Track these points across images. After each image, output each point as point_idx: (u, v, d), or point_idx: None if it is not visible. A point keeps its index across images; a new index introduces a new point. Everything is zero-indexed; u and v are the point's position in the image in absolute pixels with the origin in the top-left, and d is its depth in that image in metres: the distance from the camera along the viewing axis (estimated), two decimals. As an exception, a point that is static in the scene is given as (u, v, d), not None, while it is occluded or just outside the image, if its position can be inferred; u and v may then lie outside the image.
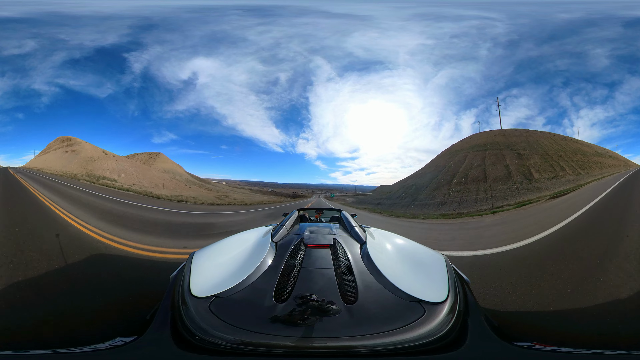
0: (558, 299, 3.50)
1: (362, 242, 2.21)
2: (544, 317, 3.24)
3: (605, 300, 3.37)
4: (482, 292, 3.72)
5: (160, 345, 1.41)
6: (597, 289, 3.60)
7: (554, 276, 4.08)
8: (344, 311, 1.42)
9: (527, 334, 2.75)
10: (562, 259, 4.84)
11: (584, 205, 9.61)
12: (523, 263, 5.02)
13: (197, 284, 1.63)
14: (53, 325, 2.90)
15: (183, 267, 1.89)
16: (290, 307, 1.42)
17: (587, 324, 3.08)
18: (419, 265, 1.95)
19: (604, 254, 4.73)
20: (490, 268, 4.89)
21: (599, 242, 5.58)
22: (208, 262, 1.99)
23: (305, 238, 2.29)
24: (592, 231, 6.86)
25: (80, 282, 4.08)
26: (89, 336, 2.27)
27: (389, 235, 2.63)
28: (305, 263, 1.86)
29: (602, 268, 4.19)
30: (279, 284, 1.61)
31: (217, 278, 1.69)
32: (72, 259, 4.80)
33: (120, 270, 4.92)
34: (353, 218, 3.13)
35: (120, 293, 3.70)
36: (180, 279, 1.73)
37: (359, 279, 1.66)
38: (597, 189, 13.65)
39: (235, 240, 2.41)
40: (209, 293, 1.54)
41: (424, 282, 1.68)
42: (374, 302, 1.49)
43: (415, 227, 12.58)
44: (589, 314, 3.20)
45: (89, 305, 3.33)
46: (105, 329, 2.43)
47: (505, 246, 5.91)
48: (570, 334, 2.83)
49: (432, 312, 1.41)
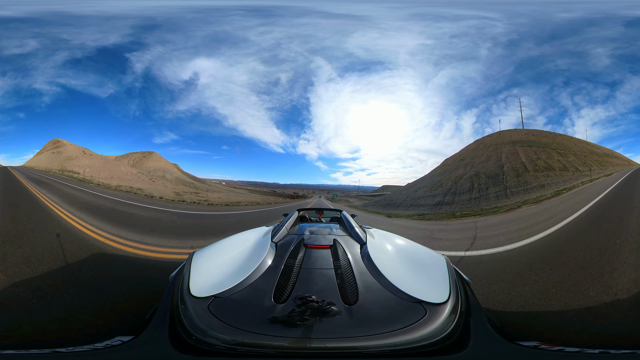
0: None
1: (362, 243, 2.19)
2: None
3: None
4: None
5: (158, 345, 1.39)
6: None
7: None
8: (344, 312, 1.39)
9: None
10: (618, 203, 10.04)
11: (614, 183, 15.75)
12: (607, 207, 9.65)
13: (196, 284, 1.62)
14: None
15: (183, 267, 1.87)
16: (290, 307, 1.41)
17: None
18: (420, 266, 1.94)
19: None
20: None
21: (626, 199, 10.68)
22: (208, 262, 1.98)
23: (306, 238, 2.27)
24: (620, 195, 11.99)
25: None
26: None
27: (390, 236, 2.62)
28: (305, 263, 1.84)
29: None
30: (278, 284, 1.60)
31: (217, 278, 1.68)
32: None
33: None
34: (353, 218, 3.12)
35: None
36: (180, 279, 1.72)
37: (360, 280, 1.64)
38: (617, 177, 18.72)
39: (235, 240, 2.41)
40: (208, 293, 1.53)
41: (425, 282, 1.67)
42: (375, 303, 1.48)
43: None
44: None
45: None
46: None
47: (597, 198, 11.09)
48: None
49: (433, 313, 1.39)
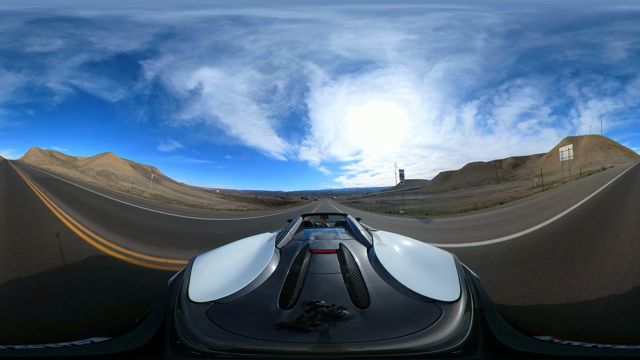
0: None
1: (369, 246, 2.17)
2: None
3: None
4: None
5: (133, 344, 1.42)
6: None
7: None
8: (357, 316, 1.36)
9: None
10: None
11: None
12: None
13: (196, 289, 1.61)
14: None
15: (183, 272, 1.85)
16: (297, 313, 1.38)
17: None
18: (429, 266, 1.92)
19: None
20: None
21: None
22: (209, 267, 1.96)
23: (311, 244, 2.24)
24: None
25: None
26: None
27: (396, 237, 2.60)
28: (311, 269, 1.81)
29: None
30: (284, 290, 1.57)
31: (218, 284, 1.66)
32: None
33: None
34: (358, 222, 3.08)
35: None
36: (179, 284, 1.70)
37: (369, 283, 1.61)
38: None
39: (238, 246, 2.38)
40: (207, 299, 1.51)
41: (436, 281, 1.65)
42: (388, 305, 1.45)
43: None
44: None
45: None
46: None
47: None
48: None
49: (449, 311, 1.38)
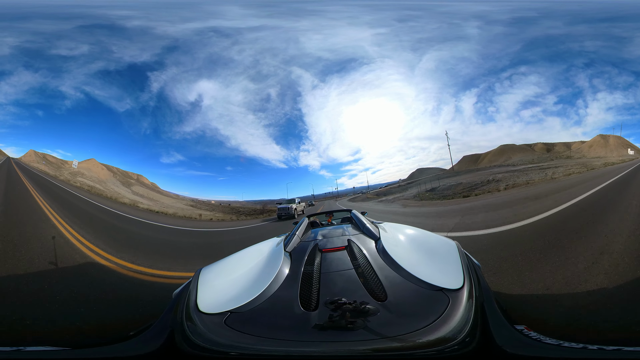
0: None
1: (376, 239, 2.16)
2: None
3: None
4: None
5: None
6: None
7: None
8: (381, 309, 1.35)
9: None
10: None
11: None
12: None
13: (205, 301, 1.57)
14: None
15: (188, 284, 1.80)
16: (326, 313, 1.35)
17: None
18: (433, 253, 1.92)
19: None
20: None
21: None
22: (218, 278, 1.93)
23: (319, 243, 2.23)
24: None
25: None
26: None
27: (400, 227, 2.60)
28: (324, 268, 1.81)
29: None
30: (301, 292, 1.56)
31: (230, 294, 1.64)
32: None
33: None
34: (364, 215, 3.06)
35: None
36: (185, 296, 1.65)
37: (381, 275, 1.61)
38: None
39: (246, 254, 2.35)
40: (221, 309, 1.48)
41: (442, 269, 1.65)
42: (402, 297, 1.45)
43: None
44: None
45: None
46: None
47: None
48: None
49: (455, 299, 1.37)
